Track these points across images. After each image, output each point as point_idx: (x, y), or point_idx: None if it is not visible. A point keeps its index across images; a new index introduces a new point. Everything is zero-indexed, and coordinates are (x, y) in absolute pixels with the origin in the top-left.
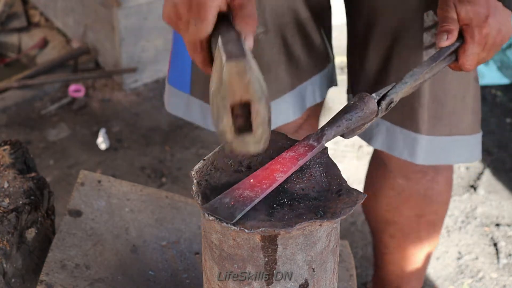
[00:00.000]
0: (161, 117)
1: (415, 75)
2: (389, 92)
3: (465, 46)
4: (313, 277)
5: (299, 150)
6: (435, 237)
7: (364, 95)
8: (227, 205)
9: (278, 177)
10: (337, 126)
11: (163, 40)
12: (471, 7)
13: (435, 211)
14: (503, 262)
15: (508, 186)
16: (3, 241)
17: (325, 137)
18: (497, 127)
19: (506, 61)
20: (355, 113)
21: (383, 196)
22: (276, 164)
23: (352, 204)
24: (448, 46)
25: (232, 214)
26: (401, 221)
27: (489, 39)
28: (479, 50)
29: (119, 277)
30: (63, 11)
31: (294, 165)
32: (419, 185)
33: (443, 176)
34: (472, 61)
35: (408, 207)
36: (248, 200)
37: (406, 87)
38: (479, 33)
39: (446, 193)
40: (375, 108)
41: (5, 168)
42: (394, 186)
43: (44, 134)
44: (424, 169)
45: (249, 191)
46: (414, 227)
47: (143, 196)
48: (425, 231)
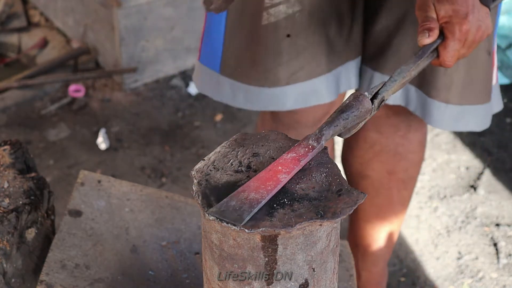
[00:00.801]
0: (161, 117)
1: (403, 73)
2: (380, 91)
3: (446, 43)
4: (313, 277)
5: (300, 151)
6: (405, 199)
7: (358, 94)
8: (234, 208)
9: (282, 178)
10: (335, 125)
11: (163, 40)
12: (450, 6)
13: (405, 169)
14: (503, 262)
15: (508, 186)
16: (3, 241)
17: (324, 137)
18: (497, 127)
19: (506, 61)
20: (351, 113)
21: (357, 148)
22: (278, 166)
23: (352, 204)
24: (431, 43)
25: (240, 216)
26: (373, 175)
27: (469, 35)
28: (459, 47)
29: (119, 277)
30: (63, 11)
31: (296, 165)
32: (389, 140)
33: (415, 135)
34: (453, 57)
35: (379, 161)
36: (254, 202)
37: (395, 85)
38: (459, 30)
39: (417, 153)
40: (369, 107)
41: (5, 168)
42: (367, 138)
43: (44, 134)
44: (395, 124)
45: (255, 193)
46: (385, 183)
47: (143, 196)
48: (396, 189)
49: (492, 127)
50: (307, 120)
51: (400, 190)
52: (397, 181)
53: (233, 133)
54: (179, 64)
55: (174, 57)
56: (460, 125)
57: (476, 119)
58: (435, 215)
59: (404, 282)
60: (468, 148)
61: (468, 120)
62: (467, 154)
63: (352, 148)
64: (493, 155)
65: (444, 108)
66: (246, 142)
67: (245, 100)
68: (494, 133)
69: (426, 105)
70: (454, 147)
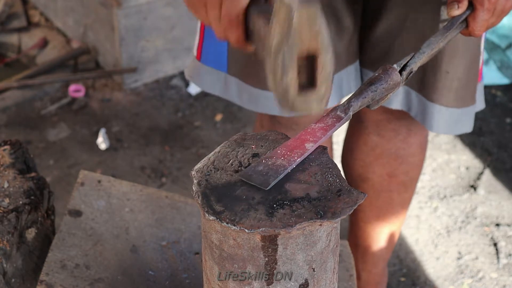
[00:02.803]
0: (161, 117)
1: (432, 44)
2: (409, 62)
3: (475, 14)
4: (313, 277)
5: (327, 121)
6: (406, 201)
7: (388, 67)
8: (261, 173)
9: (309, 147)
10: (363, 97)
11: (163, 40)
12: None
13: (406, 171)
14: (503, 262)
15: (508, 186)
16: (3, 241)
17: (352, 108)
18: (497, 127)
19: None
20: (380, 85)
21: (358, 151)
22: (306, 135)
23: (352, 204)
24: (460, 14)
25: (266, 181)
26: (374, 178)
27: (498, 5)
28: (488, 17)
29: (119, 277)
30: (63, 11)
31: (323, 135)
32: (390, 144)
33: (415, 139)
34: (482, 27)
35: (380, 164)
36: (281, 168)
37: (424, 56)
38: (488, 0)
39: (418, 156)
40: (398, 79)
41: (5, 168)
42: (368, 142)
43: (44, 134)
44: (396, 128)
45: (282, 159)
46: (385, 186)
47: (143, 196)
48: (396, 192)
49: (492, 127)
50: (305, 122)
51: (400, 193)
52: (397, 184)
53: (233, 133)
54: (179, 64)
55: (174, 57)
56: (458, 128)
57: (469, 120)
58: (435, 215)
59: (404, 282)
60: (468, 148)
61: (464, 122)
62: (467, 154)
63: (353, 151)
64: (493, 155)
65: (444, 111)
66: (246, 142)
67: (249, 102)
68: (494, 133)
69: (426, 110)
70: (454, 147)
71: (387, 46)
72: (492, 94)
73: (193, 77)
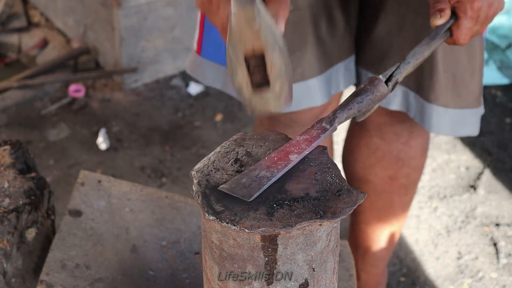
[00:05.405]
0: (161, 117)
1: (417, 54)
2: (394, 73)
3: (459, 22)
4: (313, 277)
5: (313, 133)
6: (406, 203)
7: (374, 78)
8: (244, 185)
9: (293, 158)
10: (349, 109)
11: (163, 40)
12: None
13: (407, 174)
14: (503, 262)
15: (508, 186)
16: (3, 241)
17: (337, 120)
18: (497, 127)
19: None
20: (366, 96)
21: (359, 153)
22: (290, 147)
23: (352, 204)
24: (443, 24)
25: (249, 193)
26: (375, 180)
27: (481, 13)
28: (472, 25)
29: (119, 277)
30: (63, 11)
31: (308, 146)
32: (392, 146)
33: (417, 141)
34: (466, 35)
35: (381, 167)
36: (264, 179)
37: (409, 67)
38: (471, 9)
39: (419, 159)
40: (385, 91)
41: (5, 168)
42: (369, 144)
43: (44, 134)
44: (398, 131)
45: (265, 171)
46: (387, 188)
47: (143, 196)
48: (397, 194)
49: (492, 127)
50: (304, 119)
51: (401, 195)
52: (398, 186)
53: (233, 133)
54: (179, 64)
55: (174, 57)
56: (460, 129)
57: (474, 122)
58: (435, 215)
59: (404, 282)
60: (468, 148)
61: (467, 124)
62: (467, 154)
63: (354, 153)
64: (493, 155)
65: (444, 112)
66: (246, 142)
67: None
68: (494, 133)
69: (425, 110)
70: (454, 147)
71: (386, 46)
72: (492, 94)
73: (194, 71)
